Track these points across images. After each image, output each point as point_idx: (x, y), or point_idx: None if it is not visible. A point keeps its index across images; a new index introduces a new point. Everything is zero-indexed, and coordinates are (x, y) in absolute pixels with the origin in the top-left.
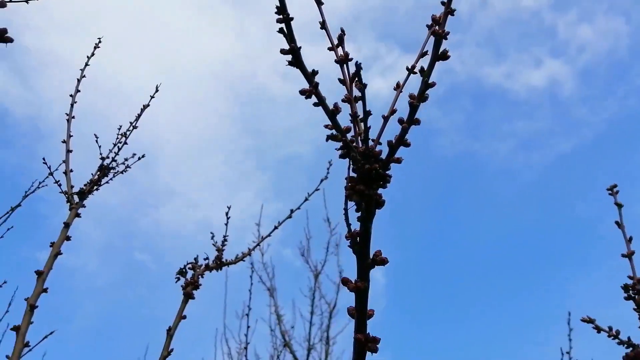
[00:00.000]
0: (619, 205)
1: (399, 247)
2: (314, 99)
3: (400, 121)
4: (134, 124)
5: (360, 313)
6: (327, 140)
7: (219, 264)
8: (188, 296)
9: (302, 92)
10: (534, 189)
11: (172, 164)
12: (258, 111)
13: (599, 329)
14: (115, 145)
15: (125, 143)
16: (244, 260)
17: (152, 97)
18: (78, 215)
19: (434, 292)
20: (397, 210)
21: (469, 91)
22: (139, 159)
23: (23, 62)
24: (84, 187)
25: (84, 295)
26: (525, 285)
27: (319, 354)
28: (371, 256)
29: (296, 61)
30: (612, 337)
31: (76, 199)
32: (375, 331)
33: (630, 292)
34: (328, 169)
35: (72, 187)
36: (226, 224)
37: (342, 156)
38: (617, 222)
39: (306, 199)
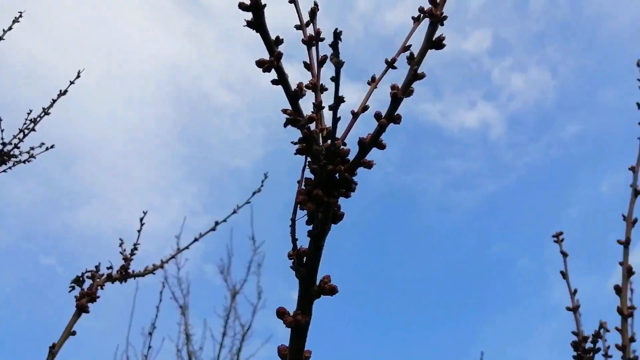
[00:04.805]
0: (564, 254)
1: (324, 271)
2: (273, 74)
3: (378, 116)
4: (46, 110)
5: (296, 354)
6: (285, 125)
7: (124, 275)
8: (81, 309)
9: (259, 63)
10: (462, 227)
11: (99, 166)
12: (200, 120)
13: None
14: (21, 131)
15: (33, 130)
16: (153, 273)
17: (71, 82)
18: None
19: (357, 322)
20: (331, 235)
21: (405, 125)
22: (47, 149)
23: None
24: None
25: None
26: (443, 323)
27: None
28: (318, 282)
29: (257, 22)
30: None
31: None
32: None
33: (579, 352)
34: (263, 181)
35: None
36: (139, 231)
37: (299, 151)
38: (562, 272)
39: (234, 212)
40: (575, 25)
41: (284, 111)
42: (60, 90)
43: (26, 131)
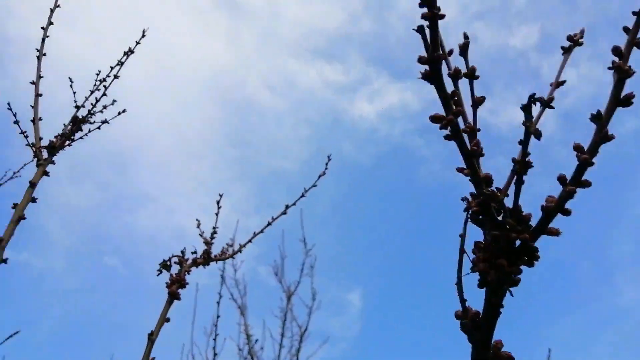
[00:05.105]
0: None
1: (377, 272)
2: (446, 129)
3: (562, 179)
4: (115, 74)
5: None
6: (479, 197)
7: (207, 258)
8: (173, 296)
9: (435, 119)
10: None
11: (151, 168)
12: (245, 122)
13: None
14: (92, 92)
15: (105, 94)
16: (234, 258)
17: (137, 42)
18: (46, 173)
19: (411, 319)
20: (376, 233)
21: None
22: (119, 113)
23: (3, 51)
24: (54, 140)
25: (50, 298)
26: (505, 320)
27: None
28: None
29: (435, 76)
30: None
31: (45, 154)
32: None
33: None
34: (327, 163)
35: (40, 138)
36: (217, 214)
37: (475, 214)
38: None
39: (302, 195)
40: (628, 17)
41: (460, 170)
42: (130, 48)
43: (97, 92)
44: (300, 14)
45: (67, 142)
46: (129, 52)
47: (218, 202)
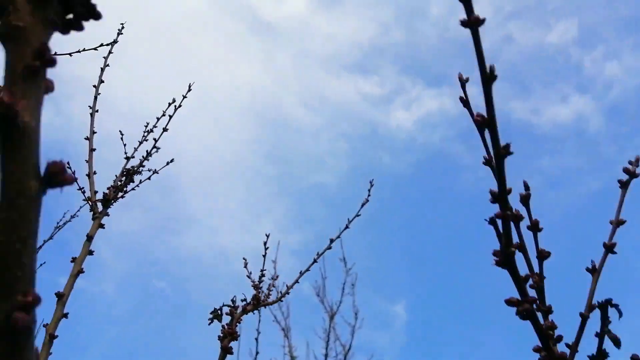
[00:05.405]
0: None
1: (421, 283)
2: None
3: None
4: (165, 127)
5: None
6: None
7: (256, 304)
8: (226, 351)
9: (510, 302)
10: (564, 229)
11: (193, 190)
12: (283, 140)
13: None
14: (141, 143)
15: (155, 147)
16: (282, 300)
17: (184, 96)
18: (102, 225)
19: (458, 327)
20: (420, 246)
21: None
22: (168, 163)
23: (57, 90)
24: (108, 193)
25: (104, 324)
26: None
27: None
28: None
29: (509, 265)
30: None
31: (100, 207)
32: None
33: None
34: (369, 190)
35: (95, 192)
36: (264, 255)
37: None
38: None
39: (347, 226)
40: None
41: (537, 350)
42: (175, 106)
43: (146, 144)
44: (332, 30)
45: (120, 194)
46: (177, 106)
47: (265, 243)
